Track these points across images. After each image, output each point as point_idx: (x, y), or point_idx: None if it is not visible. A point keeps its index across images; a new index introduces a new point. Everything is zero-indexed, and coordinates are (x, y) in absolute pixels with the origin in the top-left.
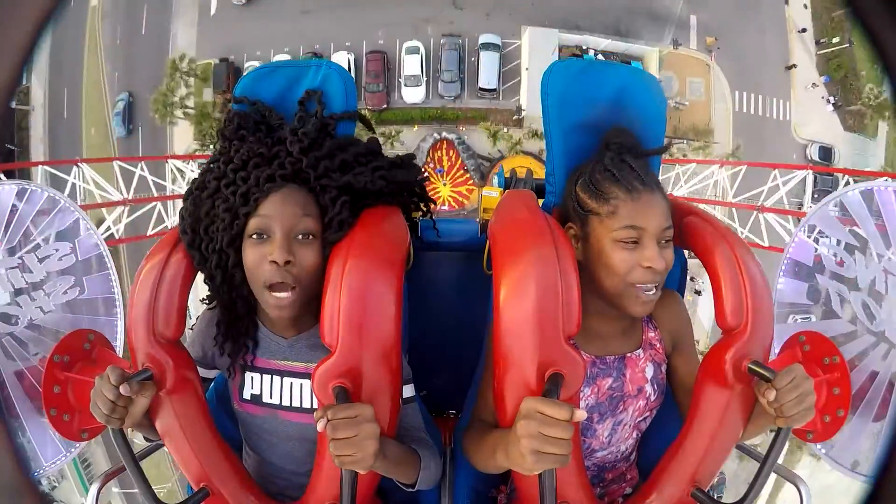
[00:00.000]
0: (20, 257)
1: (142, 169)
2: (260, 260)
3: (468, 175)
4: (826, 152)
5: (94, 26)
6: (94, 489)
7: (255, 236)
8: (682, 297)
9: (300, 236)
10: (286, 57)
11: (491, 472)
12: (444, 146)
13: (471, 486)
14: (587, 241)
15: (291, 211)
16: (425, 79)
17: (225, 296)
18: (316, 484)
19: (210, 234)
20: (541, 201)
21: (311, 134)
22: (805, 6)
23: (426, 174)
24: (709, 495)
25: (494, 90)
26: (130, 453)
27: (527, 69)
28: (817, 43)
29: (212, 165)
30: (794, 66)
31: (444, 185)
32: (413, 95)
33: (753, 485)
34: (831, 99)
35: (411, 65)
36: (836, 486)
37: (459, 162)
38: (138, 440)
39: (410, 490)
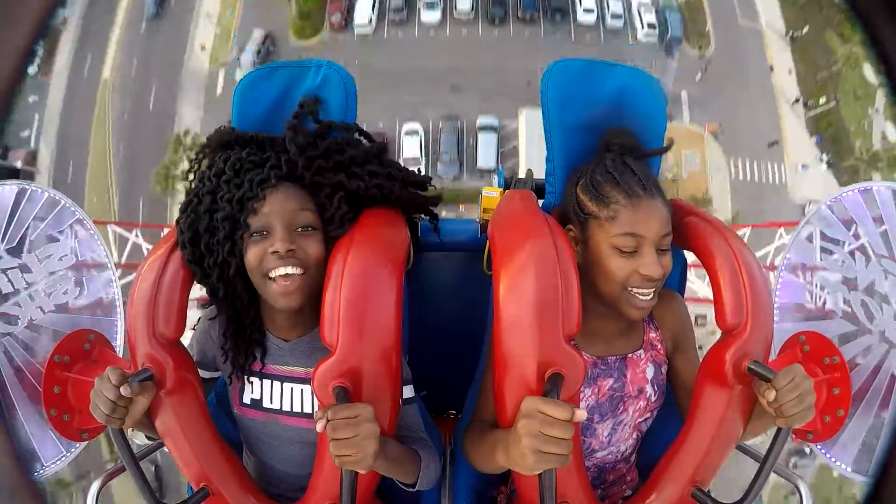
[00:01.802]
0: (20, 257)
1: (136, 235)
2: (262, 254)
3: None
4: None
5: (105, 99)
6: (93, 489)
7: (255, 235)
8: (682, 296)
9: (300, 228)
10: None
11: (490, 472)
12: None
13: (471, 486)
14: (586, 245)
15: (289, 206)
16: (424, 160)
17: (229, 309)
18: (316, 484)
19: (210, 248)
20: (541, 201)
21: (305, 137)
22: (789, 72)
23: (435, 201)
24: (709, 495)
25: (493, 169)
26: (130, 453)
27: (524, 148)
28: (805, 105)
29: (203, 180)
30: (776, 142)
31: None
32: None
33: (753, 485)
34: (824, 157)
35: (410, 147)
36: None
37: None
38: (139, 440)
39: (411, 490)
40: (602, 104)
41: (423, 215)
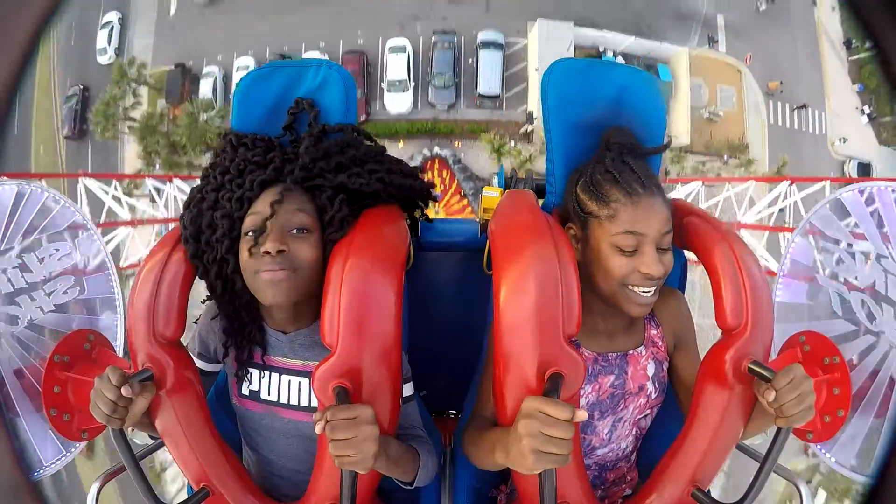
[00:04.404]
0: (20, 257)
1: (115, 189)
2: (254, 253)
3: (465, 200)
4: (865, 169)
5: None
6: (93, 489)
7: (250, 234)
8: (683, 294)
9: (294, 230)
10: (250, 60)
11: (489, 469)
12: (437, 165)
13: (471, 485)
14: (587, 243)
15: (285, 207)
16: (413, 84)
17: (228, 305)
18: (316, 484)
19: (211, 244)
20: (541, 201)
21: (306, 139)
22: (833, 8)
23: (431, 185)
24: (709, 495)
25: (497, 97)
26: (130, 453)
27: (536, 70)
28: (848, 47)
29: (208, 177)
30: (805, 105)
31: (436, 212)
32: (398, 104)
33: (753, 485)
34: (866, 109)
35: (396, 67)
36: None
37: (455, 185)
38: (139, 440)
39: (408, 488)
40: (602, 104)
41: (420, 212)
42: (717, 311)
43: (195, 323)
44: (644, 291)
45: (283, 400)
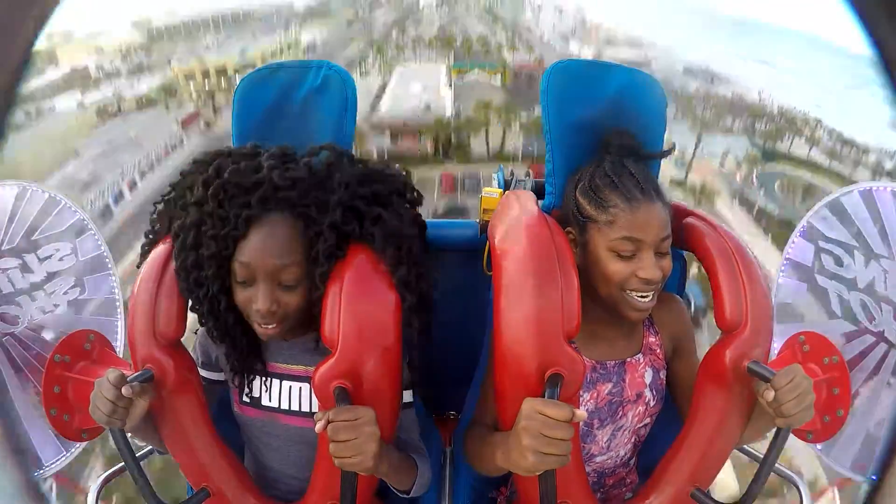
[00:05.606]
0: (20, 257)
1: None
2: (246, 303)
3: None
4: None
5: None
6: (94, 489)
7: (239, 281)
8: (682, 296)
9: (284, 285)
10: None
11: (491, 474)
12: None
13: (471, 486)
14: (585, 248)
15: (273, 261)
16: None
17: (223, 338)
18: (316, 484)
19: (200, 283)
20: (541, 202)
21: (300, 170)
22: None
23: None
24: (708, 495)
25: None
26: (131, 453)
27: None
28: None
29: (187, 207)
30: None
31: None
32: None
33: (753, 485)
34: None
35: None
36: None
37: None
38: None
39: (405, 496)
40: (602, 104)
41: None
42: (717, 311)
43: (195, 333)
44: (642, 296)
45: (285, 406)
